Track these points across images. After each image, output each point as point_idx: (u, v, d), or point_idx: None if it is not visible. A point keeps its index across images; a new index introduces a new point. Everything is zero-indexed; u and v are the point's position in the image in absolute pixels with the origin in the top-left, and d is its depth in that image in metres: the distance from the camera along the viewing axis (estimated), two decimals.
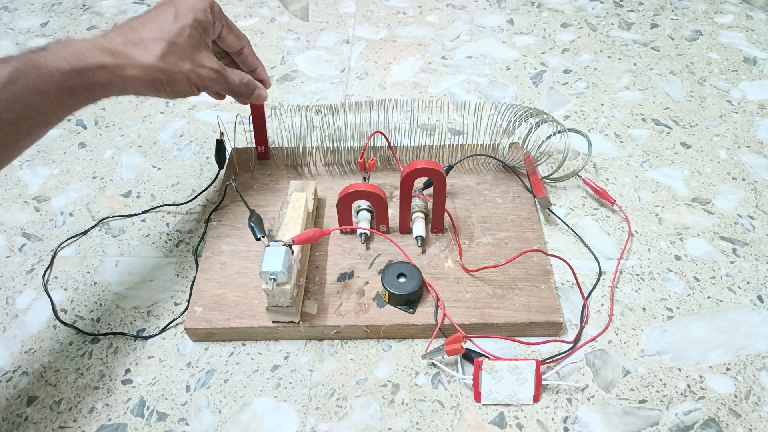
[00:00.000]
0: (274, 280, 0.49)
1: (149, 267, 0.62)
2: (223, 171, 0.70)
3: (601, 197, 0.67)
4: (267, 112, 0.68)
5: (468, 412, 0.50)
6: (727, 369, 0.53)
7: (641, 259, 0.62)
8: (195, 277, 0.59)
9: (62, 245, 0.64)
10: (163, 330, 0.56)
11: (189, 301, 0.58)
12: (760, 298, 0.58)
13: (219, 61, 0.55)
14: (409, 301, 0.55)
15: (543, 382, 0.51)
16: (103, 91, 0.48)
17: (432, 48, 0.92)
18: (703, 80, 0.85)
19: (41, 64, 0.44)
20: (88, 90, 0.47)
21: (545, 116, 0.66)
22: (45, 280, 0.61)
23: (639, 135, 0.76)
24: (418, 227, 0.61)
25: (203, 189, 0.69)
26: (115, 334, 0.56)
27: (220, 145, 0.67)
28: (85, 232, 0.65)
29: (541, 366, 0.52)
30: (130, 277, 0.61)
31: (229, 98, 0.60)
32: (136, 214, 0.67)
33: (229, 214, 0.64)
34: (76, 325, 0.57)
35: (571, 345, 0.54)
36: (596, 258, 0.62)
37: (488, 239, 0.61)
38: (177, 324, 0.57)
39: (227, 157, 0.69)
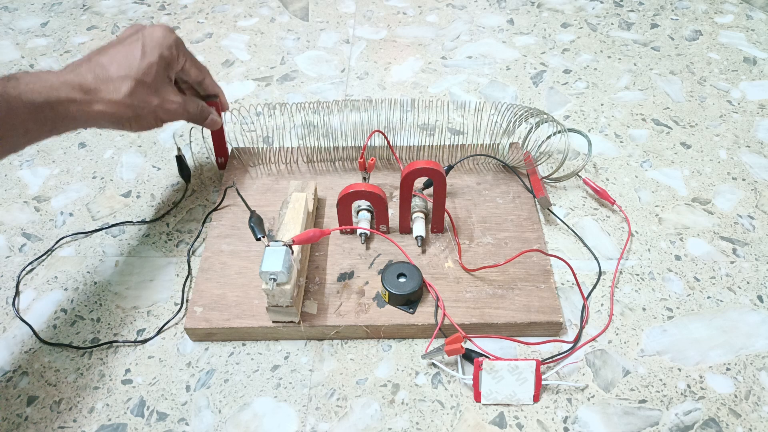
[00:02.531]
0: (274, 280, 0.49)
1: (149, 267, 0.62)
2: (190, 184, 0.70)
3: (601, 197, 0.67)
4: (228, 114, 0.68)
5: (468, 412, 0.50)
6: (727, 369, 0.53)
7: (641, 259, 0.62)
8: (187, 278, 0.60)
9: (23, 272, 0.61)
10: (159, 332, 0.56)
11: (182, 300, 0.58)
12: (760, 298, 0.58)
13: (179, 92, 0.57)
14: (409, 301, 0.55)
15: (543, 382, 0.51)
16: (71, 124, 0.49)
17: (432, 48, 0.92)
18: (703, 80, 0.85)
19: (14, 96, 0.45)
20: (56, 122, 0.48)
21: (545, 116, 0.66)
22: (16, 308, 0.58)
23: (639, 135, 0.76)
24: (418, 227, 0.61)
25: (170, 207, 0.67)
26: (109, 343, 0.55)
27: (180, 161, 0.67)
28: (43, 255, 0.63)
29: (541, 366, 0.52)
30: (130, 277, 0.61)
31: None
32: (96, 231, 0.65)
33: (228, 214, 0.64)
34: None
35: (571, 345, 0.54)
36: (596, 258, 0.62)
37: (488, 239, 0.61)
38: (176, 324, 0.57)
39: (191, 170, 0.70)
